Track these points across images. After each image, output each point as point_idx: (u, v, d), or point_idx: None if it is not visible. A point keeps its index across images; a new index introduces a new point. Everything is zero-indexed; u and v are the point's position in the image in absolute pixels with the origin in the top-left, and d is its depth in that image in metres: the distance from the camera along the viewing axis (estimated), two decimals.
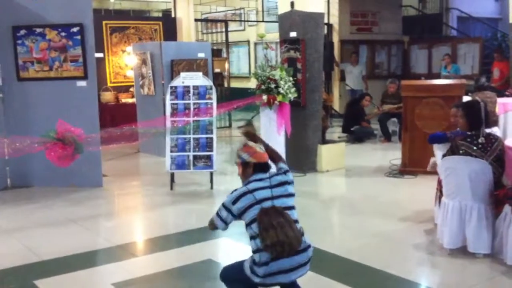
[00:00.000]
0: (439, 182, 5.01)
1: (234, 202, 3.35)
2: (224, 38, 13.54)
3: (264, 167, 3.50)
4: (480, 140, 4.51)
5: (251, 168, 3.47)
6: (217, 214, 3.44)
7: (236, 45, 16.36)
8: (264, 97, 6.68)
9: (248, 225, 3.32)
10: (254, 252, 3.32)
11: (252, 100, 6.89)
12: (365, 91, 12.24)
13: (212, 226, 3.52)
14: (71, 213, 6.18)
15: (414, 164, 7.60)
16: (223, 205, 3.41)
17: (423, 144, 7.38)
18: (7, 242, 5.25)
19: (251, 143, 3.62)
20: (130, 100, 11.27)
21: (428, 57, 14.28)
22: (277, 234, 3.19)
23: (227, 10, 16.71)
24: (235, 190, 3.40)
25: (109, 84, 11.61)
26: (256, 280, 3.32)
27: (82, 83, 7.24)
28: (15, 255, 4.86)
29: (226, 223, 3.41)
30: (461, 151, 4.54)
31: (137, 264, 4.75)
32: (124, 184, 7.70)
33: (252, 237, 3.32)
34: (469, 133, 4.63)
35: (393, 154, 8.63)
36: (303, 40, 7.64)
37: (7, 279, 4.39)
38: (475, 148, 4.49)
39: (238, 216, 3.36)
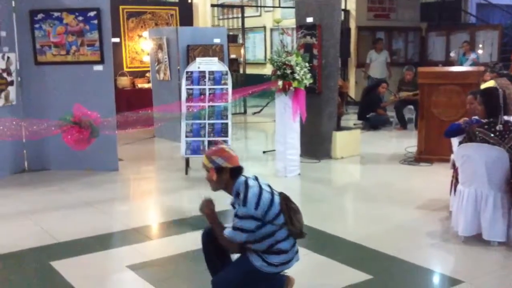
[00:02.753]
0: (455, 170, 4.97)
1: (256, 206, 3.20)
2: (240, 24, 13.51)
3: (240, 171, 3.36)
4: (498, 128, 4.46)
5: (227, 174, 3.31)
6: (237, 229, 3.22)
7: (252, 31, 16.29)
8: (280, 83, 6.65)
9: (271, 221, 3.24)
10: (272, 245, 3.27)
11: (267, 86, 6.87)
12: (388, 79, 12.04)
13: (233, 245, 3.33)
14: (87, 196, 6.24)
15: (430, 152, 7.55)
16: (242, 217, 3.20)
17: (439, 132, 7.30)
18: (24, 224, 5.32)
19: (224, 147, 3.43)
20: (146, 85, 11.32)
21: (446, 44, 14.12)
22: (301, 218, 3.35)
23: None
24: (243, 197, 3.21)
25: (125, 69, 11.66)
26: (272, 270, 3.34)
27: (98, 68, 7.28)
28: (32, 236, 4.93)
29: (248, 232, 3.23)
30: (478, 138, 4.50)
31: (152, 247, 4.80)
32: (140, 169, 7.76)
33: (271, 234, 3.25)
34: (486, 120, 4.58)
35: (408, 142, 8.58)
36: (320, 25, 7.59)
37: (24, 260, 4.46)
38: (492, 135, 4.45)
39: (262, 218, 3.22)
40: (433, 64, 13.19)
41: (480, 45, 13.32)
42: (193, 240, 4.80)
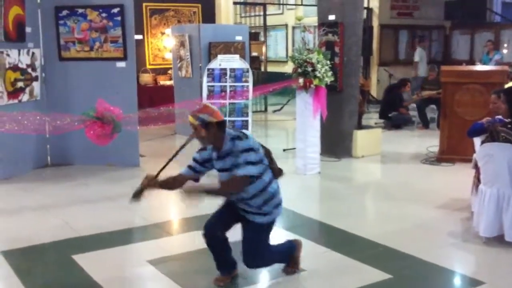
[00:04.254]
0: (477, 170, 4.92)
1: (254, 142, 3.57)
2: (262, 22, 13.51)
3: (225, 124, 3.60)
4: None
5: (214, 128, 3.52)
6: (248, 163, 3.47)
7: (274, 29, 16.28)
8: (301, 80, 6.65)
9: (262, 161, 3.59)
10: (261, 190, 3.59)
11: (288, 83, 6.87)
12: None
13: (239, 186, 3.55)
14: (108, 191, 6.31)
15: (452, 152, 7.47)
16: (247, 150, 3.48)
17: (461, 132, 7.22)
18: (46, 218, 5.41)
19: (207, 103, 3.74)
20: (168, 82, 11.39)
21: (470, 43, 13.94)
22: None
23: None
24: (248, 143, 3.50)
25: (148, 66, 11.75)
26: (273, 217, 3.73)
27: (121, 64, 7.35)
28: (54, 230, 5.00)
29: (256, 165, 3.53)
30: (501, 138, 4.45)
31: (172, 242, 4.84)
32: (161, 165, 7.77)
33: (262, 173, 3.57)
34: (509, 119, 4.52)
35: (430, 141, 8.50)
36: (342, 23, 7.56)
37: (46, 253, 4.54)
38: None
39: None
40: (457, 63, 13.03)
41: (505, 45, 13.13)
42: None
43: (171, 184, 3.89)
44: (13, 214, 5.54)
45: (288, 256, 3.99)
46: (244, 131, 3.70)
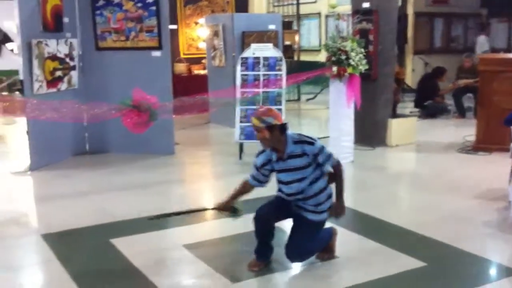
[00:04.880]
0: None
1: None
2: (295, 11, 13.45)
3: (287, 127, 3.77)
4: None
5: (277, 130, 3.68)
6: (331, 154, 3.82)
7: (307, 17, 16.18)
8: (334, 68, 6.62)
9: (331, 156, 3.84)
10: (321, 190, 3.83)
11: (322, 72, 6.86)
12: None
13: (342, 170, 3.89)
14: (144, 178, 6.44)
15: (489, 141, 7.34)
16: (323, 147, 3.80)
17: (499, 121, 7.09)
18: (84, 203, 5.55)
19: (270, 107, 3.94)
20: (202, 72, 11.47)
21: (508, 31, 13.62)
22: None
23: None
24: (315, 144, 3.75)
25: (182, 56, 11.84)
26: (325, 217, 3.94)
27: (156, 53, 7.45)
28: (92, 215, 5.14)
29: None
30: None
31: (206, 228, 4.92)
32: (195, 153, 7.91)
33: (319, 177, 3.83)
34: None
35: (467, 131, 8.35)
36: (376, 11, 7.49)
37: (84, 237, 4.66)
38: None
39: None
40: (494, 51, 12.77)
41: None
42: (245, 222, 4.89)
43: (240, 194, 4.10)
44: (52, 199, 5.70)
45: (325, 244, 4.04)
46: (306, 135, 3.85)
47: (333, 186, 3.92)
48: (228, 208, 4.06)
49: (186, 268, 4.06)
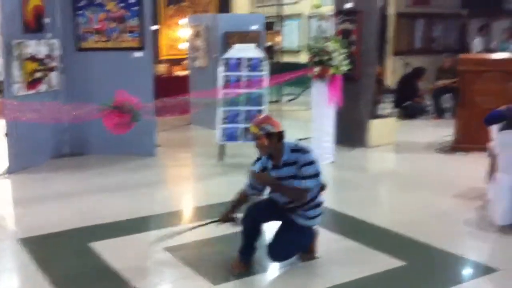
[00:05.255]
0: (492, 158, 4.92)
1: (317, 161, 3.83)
2: (277, 11, 13.48)
3: (284, 134, 3.81)
4: None
5: (276, 137, 3.75)
6: (312, 176, 3.75)
7: (288, 18, 16.20)
8: (317, 69, 6.66)
9: (319, 175, 3.84)
10: (312, 199, 3.86)
11: (304, 72, 6.89)
12: None
13: (303, 195, 3.81)
14: (125, 180, 6.41)
15: (467, 141, 7.44)
16: (311, 163, 3.77)
17: (478, 120, 7.18)
18: (63, 206, 5.50)
19: (268, 114, 3.97)
20: (183, 73, 11.44)
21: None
22: None
23: None
24: (311, 157, 3.78)
25: (162, 57, 11.80)
26: (313, 223, 3.98)
27: (138, 54, 7.41)
28: (71, 218, 5.08)
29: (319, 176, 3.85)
30: None
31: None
32: (177, 155, 7.90)
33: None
34: None
35: (445, 131, 8.44)
36: (359, 11, 7.54)
37: (63, 240, 4.63)
38: None
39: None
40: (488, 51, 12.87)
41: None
42: (228, 224, 4.91)
43: (239, 204, 4.14)
44: (31, 203, 5.63)
45: (308, 243, 4.07)
46: (304, 145, 3.92)
47: (324, 195, 4.03)
48: (230, 219, 4.09)
49: (168, 271, 4.05)
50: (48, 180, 6.48)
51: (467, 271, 4.02)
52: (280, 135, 3.78)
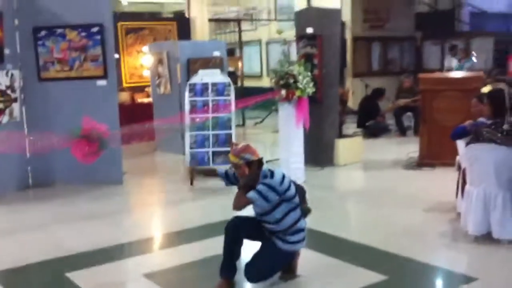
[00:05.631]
0: (463, 171, 5.04)
1: (281, 183, 3.75)
2: (236, 38, 13.60)
3: (262, 161, 3.87)
4: (504, 127, 4.54)
5: (255, 165, 3.81)
6: (262, 196, 3.70)
7: (247, 44, 16.41)
8: (283, 92, 6.73)
9: (290, 199, 3.82)
10: (294, 223, 3.87)
11: (271, 95, 6.95)
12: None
13: (242, 205, 3.81)
14: (94, 209, 6.28)
15: (432, 157, 7.62)
16: (268, 186, 3.70)
17: (441, 137, 7.40)
18: (35, 237, 5.34)
19: (247, 143, 3.91)
20: (146, 100, 11.36)
21: (441, 52, 14.26)
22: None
23: (239, 10, 16.76)
24: (271, 177, 3.75)
25: (124, 85, 11.70)
26: (294, 248, 3.95)
27: (102, 82, 7.33)
28: (44, 249, 4.94)
29: (269, 202, 3.75)
30: (485, 138, 4.57)
31: (165, 255, 4.84)
32: (145, 181, 7.80)
33: (291, 210, 3.85)
34: (493, 120, 4.67)
35: (409, 148, 8.60)
36: (320, 36, 7.69)
37: (39, 272, 4.48)
38: (499, 135, 4.52)
39: (282, 194, 3.77)
40: (429, 72, 13.27)
41: (473, 53, 13.42)
42: (204, 248, 4.86)
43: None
44: (0, 235, 5.45)
45: (286, 264, 4.05)
46: (277, 170, 3.88)
47: (309, 218, 4.12)
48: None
49: None
50: (15, 211, 6.29)
51: (448, 282, 4.08)
52: (259, 162, 3.82)
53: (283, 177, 3.80)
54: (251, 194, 3.73)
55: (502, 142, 4.50)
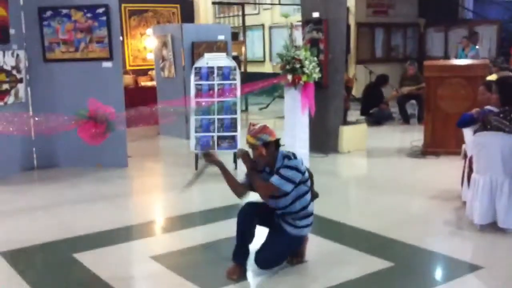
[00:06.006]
0: (469, 160, 5.05)
1: (302, 164, 3.81)
2: (239, 22, 13.54)
3: (279, 143, 3.86)
4: None
5: (273, 146, 3.80)
6: (286, 179, 3.71)
7: (250, 29, 16.33)
8: (289, 77, 6.71)
9: (305, 182, 3.86)
10: (304, 208, 3.89)
11: (277, 80, 6.93)
12: None
13: (267, 192, 3.81)
14: (100, 191, 6.30)
15: (436, 145, 7.62)
16: (291, 167, 3.72)
17: (445, 125, 7.44)
18: (41, 219, 5.37)
19: (264, 124, 3.87)
20: (149, 83, 11.34)
21: (444, 40, 14.23)
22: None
23: None
24: (290, 164, 3.75)
25: (128, 68, 11.67)
26: (304, 233, 3.99)
27: (107, 64, 7.31)
28: (51, 230, 4.96)
29: (294, 184, 3.77)
30: (493, 127, 4.57)
31: (172, 238, 4.86)
32: (150, 165, 7.81)
33: (305, 193, 3.88)
34: (501, 108, 4.67)
35: (412, 136, 8.65)
36: (326, 20, 7.65)
37: (47, 252, 4.51)
38: (508, 123, 4.52)
39: (302, 174, 3.81)
40: (432, 59, 13.24)
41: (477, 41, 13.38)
42: (208, 232, 4.89)
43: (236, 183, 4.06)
44: (6, 215, 5.47)
45: (295, 250, 4.08)
46: (294, 153, 3.91)
47: (315, 204, 4.10)
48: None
49: (158, 279, 3.98)
50: (21, 192, 6.30)
51: (454, 270, 4.09)
52: (277, 143, 3.83)
53: (300, 163, 3.84)
54: (275, 180, 3.73)
55: (510, 130, 4.50)
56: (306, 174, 3.90)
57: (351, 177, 7.17)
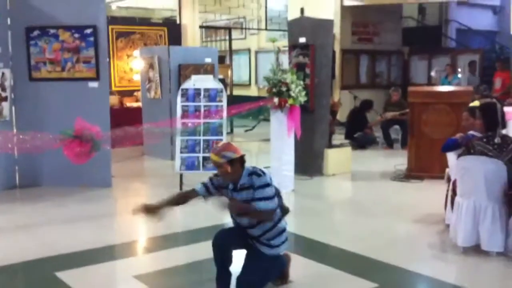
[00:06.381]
0: (453, 183, 5.10)
1: (270, 179, 3.77)
2: (226, 46, 13.64)
3: (245, 159, 3.81)
4: (496, 141, 4.61)
5: (238, 163, 3.74)
6: (265, 199, 3.69)
7: (237, 53, 16.47)
8: (276, 99, 6.77)
9: (274, 197, 3.78)
10: (276, 224, 3.82)
11: (264, 102, 6.98)
12: None
13: (269, 215, 3.76)
14: (83, 210, 6.24)
15: (420, 170, 7.69)
16: (263, 186, 3.69)
17: (429, 150, 7.52)
18: (24, 237, 5.29)
19: (228, 141, 3.92)
20: (135, 104, 11.32)
21: (427, 67, 14.47)
22: None
23: (229, 19, 16.83)
24: (260, 170, 3.76)
25: (113, 88, 11.64)
26: (280, 251, 3.90)
27: (94, 84, 7.30)
28: (33, 249, 4.90)
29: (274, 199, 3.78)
30: (477, 151, 4.64)
31: (155, 258, 4.82)
32: (134, 185, 7.76)
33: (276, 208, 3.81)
34: (484, 134, 4.74)
35: (396, 160, 8.70)
36: (313, 45, 7.75)
37: (29, 271, 4.44)
38: (491, 148, 4.59)
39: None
40: (416, 86, 13.44)
41: (459, 69, 13.63)
42: (192, 252, 4.86)
43: (176, 200, 4.11)
44: None
45: (278, 273, 4.04)
46: (260, 168, 3.86)
47: (287, 220, 4.01)
48: (153, 212, 4.04)
49: None
50: (3, 211, 6.22)
51: None
52: (242, 160, 3.77)
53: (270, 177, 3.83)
54: (260, 205, 3.68)
55: (494, 155, 4.58)
56: (274, 188, 3.83)
57: (335, 199, 7.19)
